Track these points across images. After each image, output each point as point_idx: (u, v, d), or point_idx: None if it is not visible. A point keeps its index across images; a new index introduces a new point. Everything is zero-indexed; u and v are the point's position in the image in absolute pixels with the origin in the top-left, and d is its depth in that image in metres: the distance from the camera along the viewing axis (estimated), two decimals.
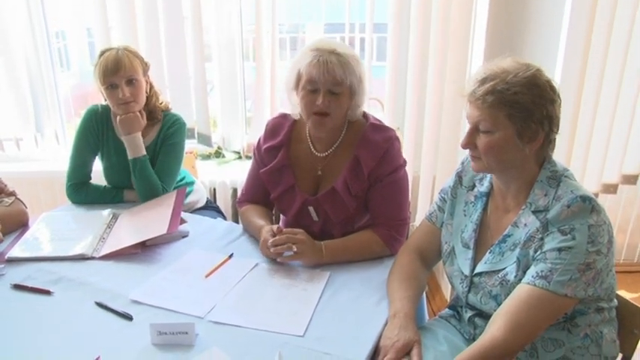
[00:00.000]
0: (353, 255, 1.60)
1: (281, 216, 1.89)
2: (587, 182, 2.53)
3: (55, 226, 1.78)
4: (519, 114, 1.19)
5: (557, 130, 1.25)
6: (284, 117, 1.77)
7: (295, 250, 1.52)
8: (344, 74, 1.53)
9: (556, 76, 1.26)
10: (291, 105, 1.70)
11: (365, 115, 1.72)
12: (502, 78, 1.20)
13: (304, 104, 1.59)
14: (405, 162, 1.71)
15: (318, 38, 2.15)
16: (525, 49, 2.23)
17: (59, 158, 2.73)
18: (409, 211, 1.78)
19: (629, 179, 2.61)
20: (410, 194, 1.82)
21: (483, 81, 1.21)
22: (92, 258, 1.60)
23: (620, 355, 1.33)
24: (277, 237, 1.53)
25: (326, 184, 1.70)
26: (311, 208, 1.71)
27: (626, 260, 2.96)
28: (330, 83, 1.54)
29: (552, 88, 1.22)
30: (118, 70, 1.84)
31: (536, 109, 1.19)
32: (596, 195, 2.51)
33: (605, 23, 2.23)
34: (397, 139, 1.68)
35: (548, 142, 1.25)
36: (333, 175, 1.68)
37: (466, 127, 1.28)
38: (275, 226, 1.58)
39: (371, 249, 1.63)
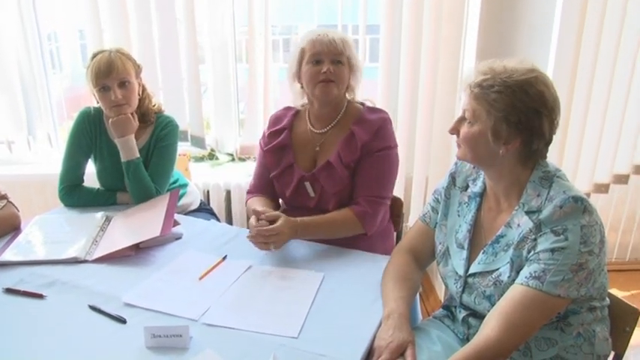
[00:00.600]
0: (325, 230, 1.69)
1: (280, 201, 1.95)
2: (579, 182, 2.54)
3: (48, 229, 1.78)
4: (496, 113, 1.20)
5: (545, 142, 1.24)
6: (287, 109, 1.91)
7: (273, 249, 1.58)
8: (343, 47, 1.71)
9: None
10: (293, 94, 1.83)
11: (362, 104, 1.83)
12: (495, 75, 1.21)
13: (310, 76, 1.71)
14: (396, 145, 1.79)
15: None
16: (517, 50, 2.24)
17: (52, 161, 2.71)
18: (391, 194, 1.83)
19: (621, 179, 2.63)
20: (403, 194, 1.84)
21: (480, 73, 1.23)
22: (85, 261, 1.59)
23: (612, 353, 1.34)
24: (253, 232, 1.56)
25: (322, 160, 1.78)
26: (307, 184, 1.79)
27: (617, 259, 2.98)
28: (332, 54, 1.69)
29: (543, 100, 1.20)
30: (111, 73, 1.84)
31: (513, 112, 1.19)
32: (588, 195, 2.53)
33: (596, 24, 2.24)
34: (390, 121, 1.79)
35: (531, 151, 1.24)
36: (330, 151, 1.77)
37: None
38: (260, 208, 1.62)
39: (343, 225, 1.71)
